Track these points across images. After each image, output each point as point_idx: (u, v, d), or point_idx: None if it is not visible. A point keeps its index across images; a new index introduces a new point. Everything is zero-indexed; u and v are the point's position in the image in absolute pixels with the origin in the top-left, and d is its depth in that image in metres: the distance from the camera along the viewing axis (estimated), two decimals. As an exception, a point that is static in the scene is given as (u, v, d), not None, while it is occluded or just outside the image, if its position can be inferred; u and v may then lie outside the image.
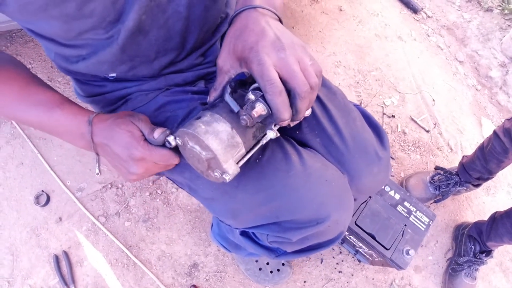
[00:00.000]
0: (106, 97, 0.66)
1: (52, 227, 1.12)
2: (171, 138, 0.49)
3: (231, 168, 0.46)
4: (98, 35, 0.51)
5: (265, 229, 0.60)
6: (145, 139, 0.51)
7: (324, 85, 0.69)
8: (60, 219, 1.13)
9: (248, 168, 0.56)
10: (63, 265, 1.09)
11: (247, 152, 0.49)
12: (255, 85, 0.46)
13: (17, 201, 1.14)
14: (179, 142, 0.49)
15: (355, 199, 0.67)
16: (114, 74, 0.61)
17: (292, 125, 0.50)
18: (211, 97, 0.50)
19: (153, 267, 1.10)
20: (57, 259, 1.09)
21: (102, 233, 1.12)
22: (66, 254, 1.09)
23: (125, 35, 0.52)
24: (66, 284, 1.06)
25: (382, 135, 0.72)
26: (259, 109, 0.43)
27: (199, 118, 0.47)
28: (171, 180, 0.69)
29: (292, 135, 0.65)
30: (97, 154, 0.54)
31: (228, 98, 0.47)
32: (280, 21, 0.50)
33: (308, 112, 0.50)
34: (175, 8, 0.54)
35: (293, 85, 0.42)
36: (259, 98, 0.44)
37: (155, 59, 0.60)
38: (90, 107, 0.73)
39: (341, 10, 1.63)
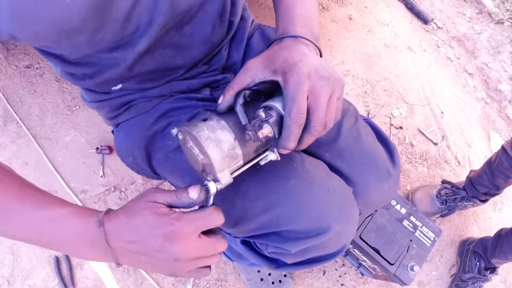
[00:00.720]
0: (111, 102, 0.64)
1: (54, 228, 1.10)
2: (174, 130, 0.47)
3: (225, 178, 0.44)
4: (103, 54, 0.50)
5: (265, 238, 0.58)
6: (176, 212, 0.41)
7: None
8: (62, 220, 1.11)
9: (249, 174, 0.54)
10: (64, 267, 1.07)
11: (245, 164, 0.47)
12: (271, 102, 0.44)
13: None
14: (180, 137, 0.47)
15: (360, 213, 0.64)
16: (119, 86, 0.60)
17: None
18: (227, 95, 0.46)
19: (154, 273, 1.08)
20: (57, 260, 1.07)
21: (103, 236, 1.10)
22: (67, 256, 1.07)
23: (134, 58, 0.51)
24: (65, 286, 1.04)
25: (392, 150, 0.69)
26: (266, 131, 0.42)
27: (205, 120, 0.45)
28: (172, 184, 0.68)
29: None
30: (118, 264, 0.42)
31: (238, 109, 0.45)
32: (320, 53, 0.49)
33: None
34: (183, 31, 0.54)
35: (312, 119, 0.41)
36: (269, 120, 0.42)
37: (163, 75, 0.60)
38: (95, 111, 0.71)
39: (350, 18, 1.60)
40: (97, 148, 1.17)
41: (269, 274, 1.07)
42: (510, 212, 1.34)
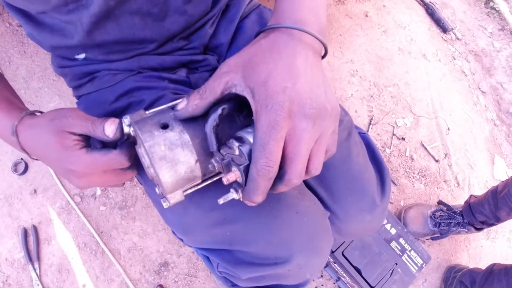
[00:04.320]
0: (74, 70, 0.53)
1: (25, 198, 0.98)
2: (126, 120, 0.34)
3: (175, 198, 0.35)
4: (61, 15, 0.41)
5: (216, 255, 0.48)
6: (83, 146, 0.36)
7: None
8: (35, 191, 0.99)
9: None
10: (31, 240, 0.95)
11: (203, 181, 0.36)
12: (246, 134, 0.31)
13: (-7, 165, 1.00)
14: (131, 131, 0.34)
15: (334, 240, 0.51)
16: (83, 56, 0.49)
17: None
18: (191, 103, 0.32)
19: (122, 259, 0.96)
20: (25, 232, 0.95)
21: (75, 213, 0.98)
22: (35, 229, 0.96)
23: (90, 21, 0.42)
24: (31, 259, 0.93)
25: (384, 177, 0.55)
26: (233, 176, 0.31)
27: (165, 127, 0.32)
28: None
29: None
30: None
31: (209, 130, 0.32)
32: (325, 51, 0.34)
33: None
34: None
35: (287, 170, 0.30)
36: (240, 166, 0.30)
37: (131, 47, 0.48)
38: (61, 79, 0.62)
39: (367, 16, 1.41)
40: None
41: (241, 277, 0.95)
42: (503, 243, 1.19)
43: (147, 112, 0.34)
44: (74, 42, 0.45)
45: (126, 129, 0.33)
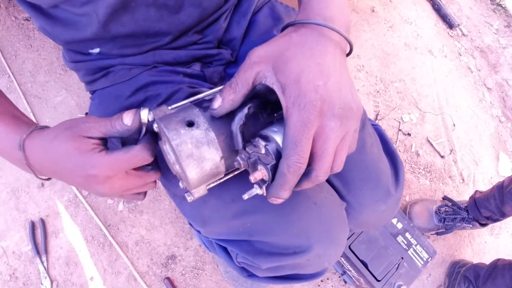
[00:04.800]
0: (88, 65, 0.53)
1: (33, 192, 0.98)
2: (144, 113, 0.33)
3: (199, 192, 0.35)
4: (75, 8, 0.41)
5: (235, 246, 0.48)
6: (102, 149, 0.34)
7: None
8: (43, 184, 0.99)
9: None
10: (38, 233, 0.96)
11: (225, 175, 0.37)
12: (273, 133, 0.32)
13: (1, 159, 1.00)
14: (155, 127, 0.33)
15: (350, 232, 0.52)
16: (97, 50, 0.49)
17: None
18: (227, 100, 0.32)
19: (129, 251, 0.96)
20: (33, 225, 0.95)
21: (82, 206, 0.98)
22: (43, 222, 0.96)
23: (106, 12, 0.41)
24: (38, 252, 0.94)
25: (398, 167, 0.55)
26: (260, 174, 0.31)
27: (190, 125, 0.32)
28: None
29: None
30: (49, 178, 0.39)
31: (235, 129, 0.32)
32: (351, 49, 0.35)
33: None
34: None
35: (314, 167, 0.31)
36: (266, 163, 0.31)
37: (145, 41, 0.47)
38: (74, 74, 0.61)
39: (373, 11, 1.40)
40: (86, 114, 1.03)
41: (248, 270, 0.95)
42: (506, 239, 1.19)
43: (169, 108, 0.34)
44: (88, 35, 0.45)
45: (144, 118, 0.33)
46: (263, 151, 0.31)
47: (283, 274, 0.49)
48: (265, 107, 0.35)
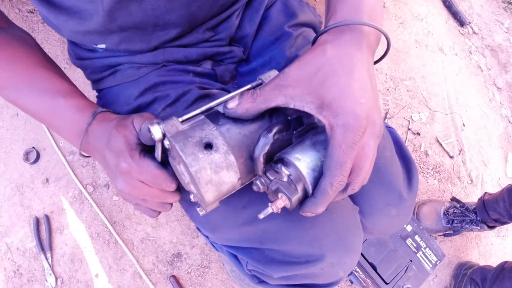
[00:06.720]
0: (95, 62, 0.50)
1: (37, 187, 0.96)
2: (154, 129, 0.30)
3: (211, 207, 0.34)
4: None
5: (245, 253, 0.46)
6: (141, 150, 0.36)
7: None
8: (47, 180, 0.97)
9: None
10: (43, 229, 0.94)
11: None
12: (297, 161, 0.31)
13: (6, 154, 0.98)
14: (166, 144, 0.31)
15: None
16: (103, 46, 0.46)
17: None
18: (243, 106, 0.31)
19: (135, 249, 0.95)
20: (37, 222, 0.94)
21: (87, 203, 0.96)
22: (47, 218, 0.94)
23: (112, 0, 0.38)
24: (43, 249, 0.92)
25: (412, 171, 0.54)
26: (282, 203, 0.31)
27: (208, 147, 0.30)
28: None
29: None
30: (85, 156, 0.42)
31: (258, 156, 0.32)
32: (387, 50, 0.38)
33: None
34: None
35: (351, 182, 0.31)
36: (286, 192, 0.31)
37: (153, 34, 0.44)
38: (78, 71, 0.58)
39: (384, 6, 1.36)
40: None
41: (255, 270, 0.94)
42: (514, 240, 1.18)
43: (180, 121, 0.32)
44: (93, 25, 0.42)
45: (157, 135, 0.31)
46: (285, 179, 0.31)
47: (297, 283, 0.47)
48: (286, 124, 0.33)
